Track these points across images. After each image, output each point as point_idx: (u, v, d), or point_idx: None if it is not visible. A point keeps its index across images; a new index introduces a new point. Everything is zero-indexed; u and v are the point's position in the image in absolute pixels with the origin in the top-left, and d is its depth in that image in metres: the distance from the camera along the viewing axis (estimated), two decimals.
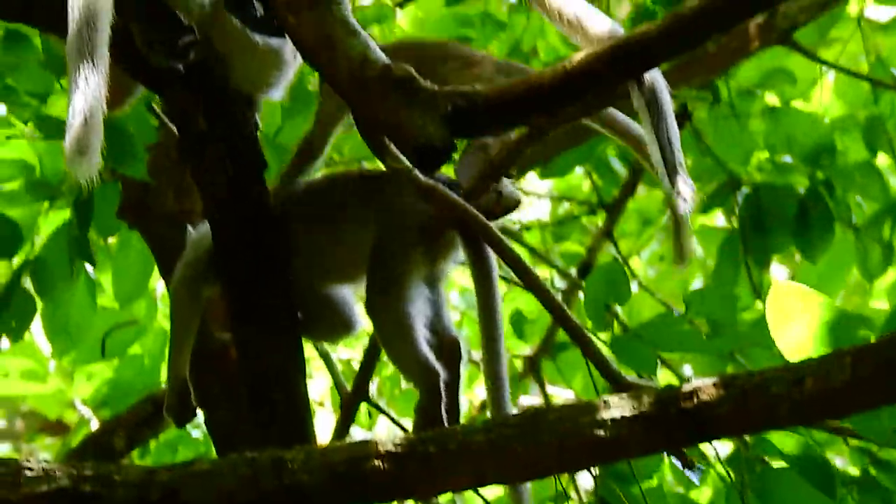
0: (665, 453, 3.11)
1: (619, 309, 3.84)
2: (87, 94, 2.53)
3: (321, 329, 3.58)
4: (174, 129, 3.33)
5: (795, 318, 3.14)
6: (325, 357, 4.71)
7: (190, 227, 3.52)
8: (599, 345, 3.18)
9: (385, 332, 3.18)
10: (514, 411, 3.10)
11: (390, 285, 3.14)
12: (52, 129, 3.50)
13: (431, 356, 3.08)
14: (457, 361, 3.27)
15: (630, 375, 3.07)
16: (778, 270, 6.47)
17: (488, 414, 3.34)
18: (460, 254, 3.28)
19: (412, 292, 3.12)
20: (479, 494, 3.90)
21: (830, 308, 3.15)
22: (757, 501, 3.31)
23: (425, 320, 3.12)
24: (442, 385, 3.10)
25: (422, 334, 3.09)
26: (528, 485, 3.14)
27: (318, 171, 3.56)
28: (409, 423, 3.87)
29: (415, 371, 3.11)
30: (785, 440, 3.20)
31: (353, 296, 3.44)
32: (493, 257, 3.07)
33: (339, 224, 3.26)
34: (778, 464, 3.33)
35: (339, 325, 3.50)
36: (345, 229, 3.25)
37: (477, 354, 3.81)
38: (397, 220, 3.17)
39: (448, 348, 3.24)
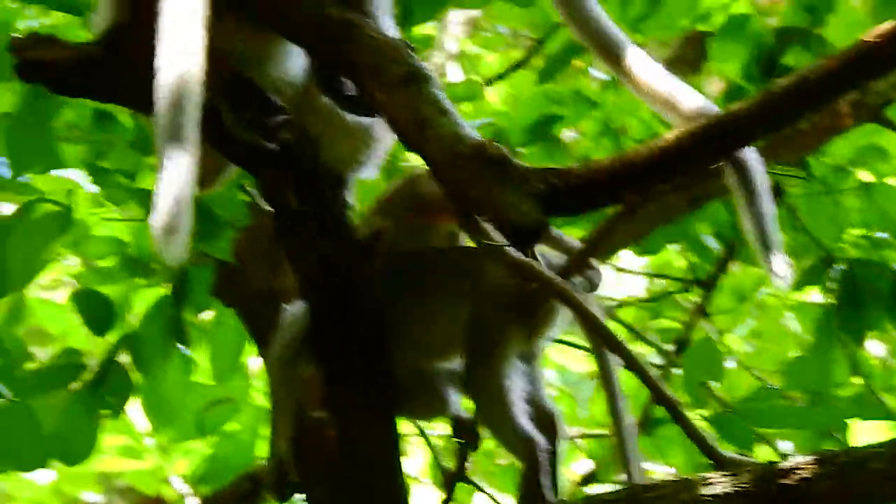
0: None
1: (715, 384, 3.84)
2: (175, 175, 2.55)
3: (417, 407, 3.57)
4: (268, 208, 3.34)
5: None
6: (423, 433, 4.71)
7: (284, 306, 3.56)
8: (697, 421, 3.18)
9: (484, 405, 3.18)
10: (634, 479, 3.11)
11: (488, 360, 3.15)
12: (144, 207, 3.53)
13: (530, 426, 3.07)
14: (555, 435, 3.27)
15: (728, 452, 2.98)
16: (874, 346, 6.37)
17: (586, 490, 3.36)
18: (557, 330, 3.31)
19: (509, 366, 3.11)
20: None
21: None
22: None
23: (523, 394, 3.13)
24: (541, 454, 3.10)
25: (520, 406, 3.10)
26: None
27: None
28: (505, 499, 3.87)
29: (514, 441, 3.11)
30: None
31: (448, 374, 3.45)
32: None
33: (434, 300, 3.30)
34: None
35: (435, 403, 3.50)
36: (439, 305, 3.28)
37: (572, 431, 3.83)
38: (492, 296, 3.20)
39: (546, 422, 3.24)
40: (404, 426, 3.60)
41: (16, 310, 4.41)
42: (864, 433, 4.88)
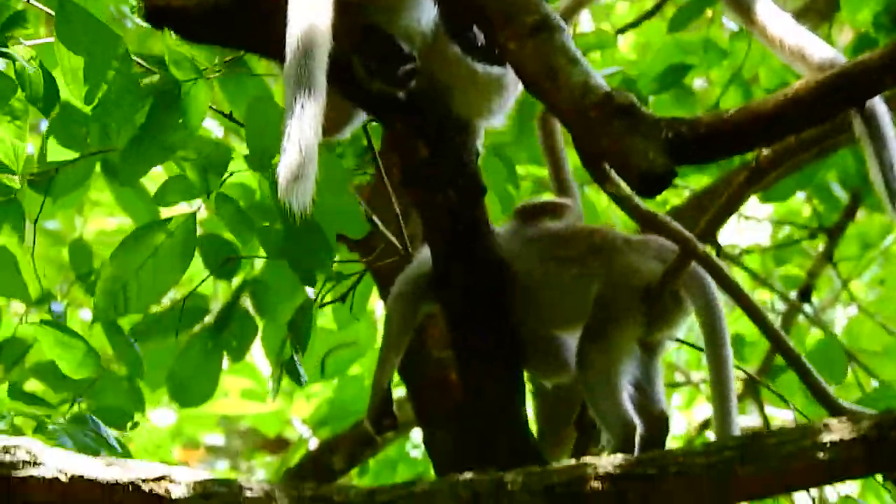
0: (883, 477, 3.08)
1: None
2: (303, 122, 2.60)
3: (538, 366, 3.60)
4: (396, 156, 3.43)
5: None
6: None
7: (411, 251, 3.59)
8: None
9: (589, 381, 3.19)
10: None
11: (603, 337, 3.18)
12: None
13: (631, 410, 3.10)
14: (663, 435, 3.27)
15: (847, 403, 3.07)
16: None
17: (707, 436, 3.32)
18: (681, 325, 3.33)
19: (625, 349, 3.16)
20: None
21: None
22: None
23: (633, 379, 3.16)
24: (638, 440, 3.13)
25: (627, 390, 3.13)
26: None
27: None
28: None
29: (612, 421, 3.14)
30: None
31: (571, 341, 3.46)
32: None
33: (566, 275, 3.30)
34: None
35: (557, 366, 3.53)
36: (570, 281, 3.30)
37: (697, 375, 3.84)
38: (622, 278, 3.20)
39: (656, 420, 3.27)
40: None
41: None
42: None
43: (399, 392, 4.38)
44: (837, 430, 2.55)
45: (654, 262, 3.16)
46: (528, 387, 3.63)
